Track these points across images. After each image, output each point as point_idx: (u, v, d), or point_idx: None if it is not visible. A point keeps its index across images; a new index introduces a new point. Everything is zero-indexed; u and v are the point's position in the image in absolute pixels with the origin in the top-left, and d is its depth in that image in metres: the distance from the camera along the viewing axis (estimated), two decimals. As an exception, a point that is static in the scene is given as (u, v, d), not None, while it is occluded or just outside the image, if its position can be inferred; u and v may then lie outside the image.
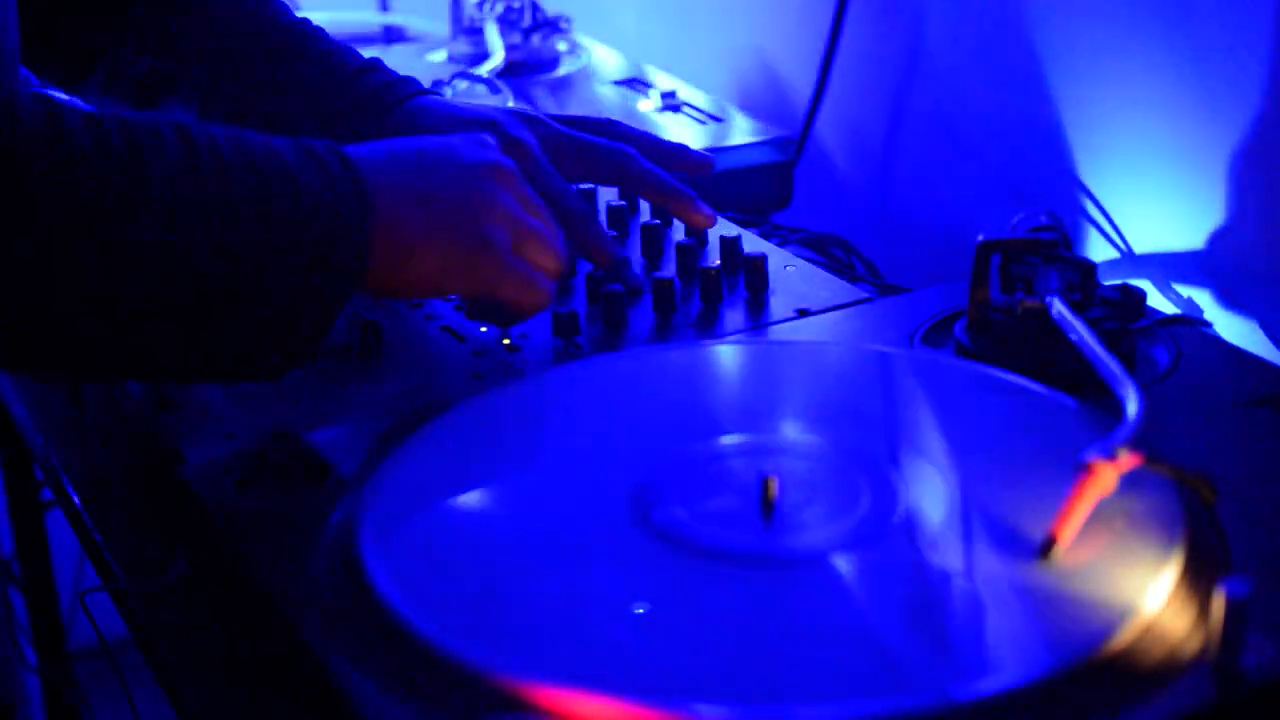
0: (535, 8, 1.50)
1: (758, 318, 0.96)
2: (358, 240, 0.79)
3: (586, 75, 1.46)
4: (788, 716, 0.59)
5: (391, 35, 1.68)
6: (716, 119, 1.31)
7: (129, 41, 1.07)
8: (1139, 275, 1.11)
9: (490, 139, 0.89)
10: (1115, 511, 0.68)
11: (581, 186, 1.13)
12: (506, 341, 0.94)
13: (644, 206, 1.13)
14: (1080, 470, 0.67)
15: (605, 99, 1.39)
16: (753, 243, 1.06)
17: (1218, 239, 1.06)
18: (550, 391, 0.86)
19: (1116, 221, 1.14)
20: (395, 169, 0.83)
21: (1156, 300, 1.07)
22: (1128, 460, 0.67)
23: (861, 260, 1.22)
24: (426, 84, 1.28)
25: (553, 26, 1.50)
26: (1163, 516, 0.68)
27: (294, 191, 0.76)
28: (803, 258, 1.06)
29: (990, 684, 0.59)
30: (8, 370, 1.02)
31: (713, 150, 1.25)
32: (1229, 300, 1.06)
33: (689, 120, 1.31)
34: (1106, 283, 0.90)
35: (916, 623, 0.64)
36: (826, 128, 1.43)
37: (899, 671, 0.61)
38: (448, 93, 1.30)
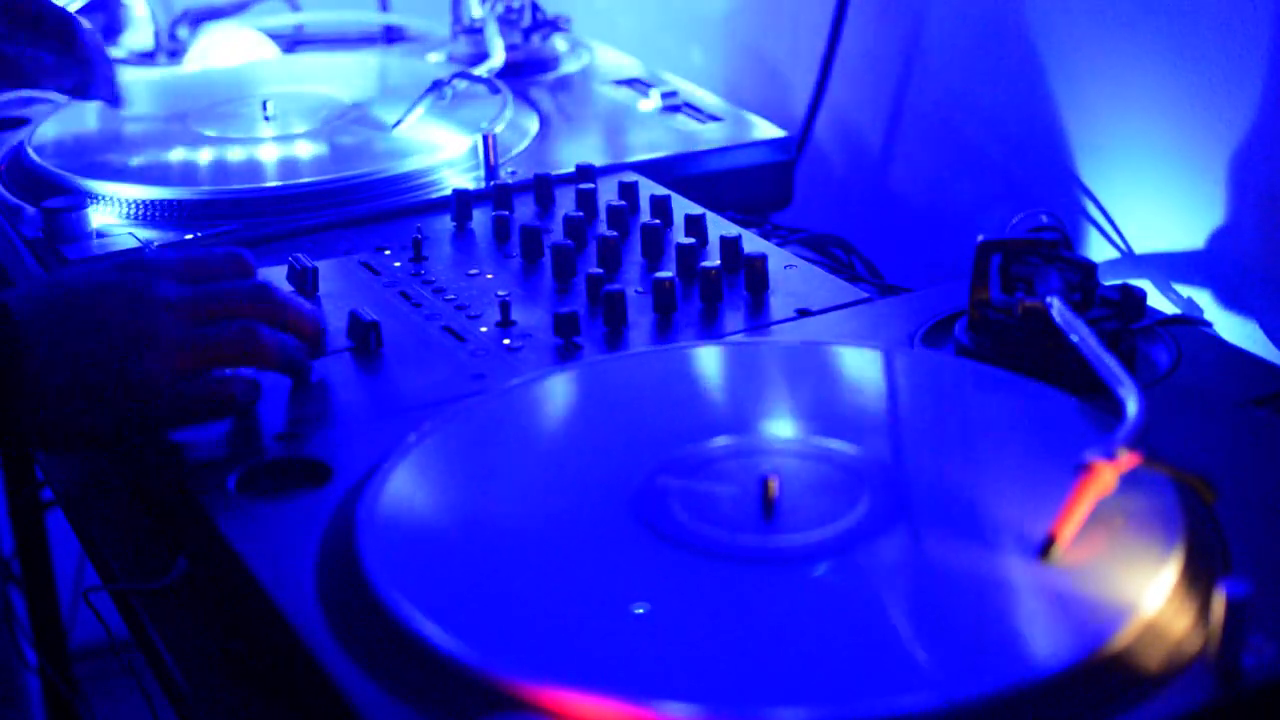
0: (535, 8, 1.50)
1: (758, 318, 0.96)
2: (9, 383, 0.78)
3: (586, 75, 1.46)
4: (787, 716, 0.59)
5: (391, 35, 1.68)
6: (716, 119, 1.31)
7: None
8: (1139, 275, 1.12)
9: (142, 262, 0.87)
10: (1115, 511, 0.68)
11: (582, 186, 1.13)
12: (506, 341, 0.94)
13: (644, 206, 1.13)
14: (1080, 470, 0.67)
15: (605, 99, 1.39)
16: (753, 243, 1.06)
17: (1218, 239, 1.06)
18: (550, 392, 0.86)
19: (1116, 221, 1.14)
20: (48, 314, 0.82)
21: (1156, 300, 1.07)
22: (1127, 460, 0.67)
23: (861, 260, 1.22)
24: (426, 84, 1.29)
25: (553, 26, 1.50)
26: (1163, 516, 0.68)
27: None
28: (803, 258, 1.06)
29: (990, 683, 0.59)
30: None
31: (713, 150, 1.25)
32: (1229, 300, 1.06)
33: (689, 120, 1.31)
34: (1106, 283, 0.90)
35: (916, 623, 0.64)
36: (826, 128, 1.43)
37: (899, 671, 0.61)
38: (448, 93, 1.30)
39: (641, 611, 0.65)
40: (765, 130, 1.28)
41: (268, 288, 0.89)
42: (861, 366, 0.86)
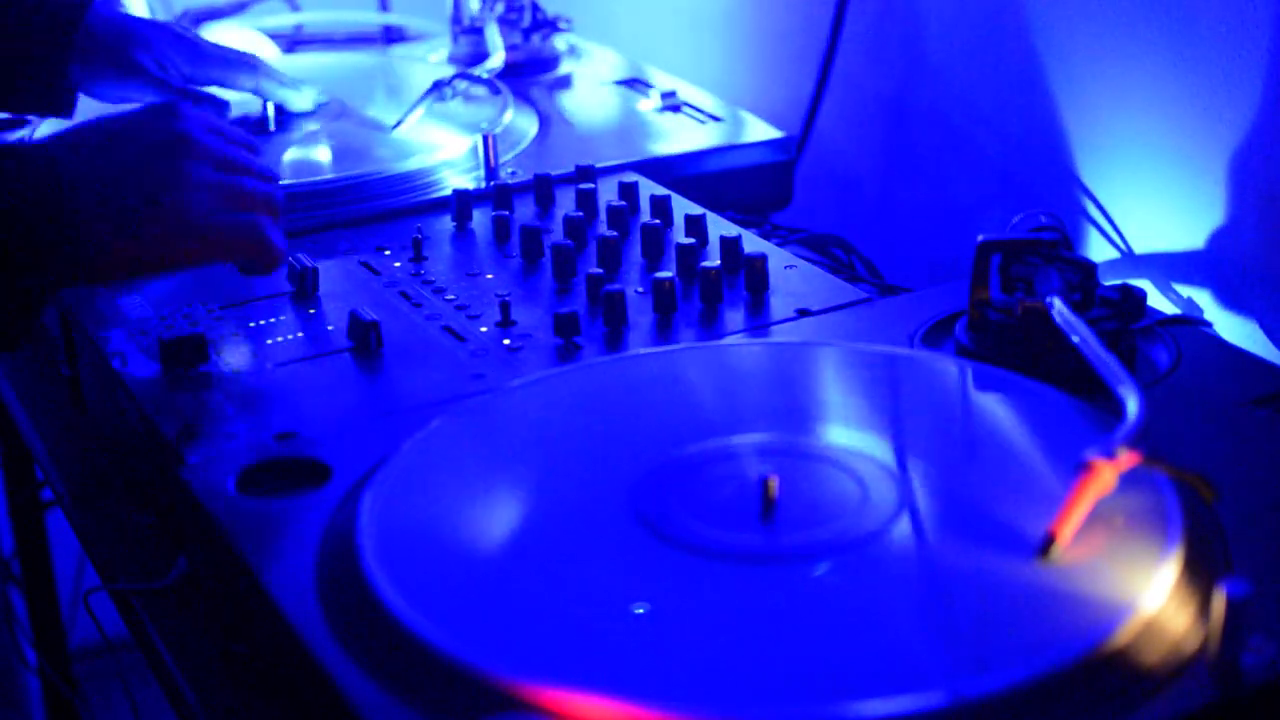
0: (535, 8, 1.50)
1: (758, 318, 0.96)
2: (55, 217, 0.85)
3: (586, 75, 1.46)
4: (787, 716, 0.59)
5: (391, 35, 1.68)
6: (716, 119, 1.31)
7: None
8: (1139, 275, 1.12)
9: (175, 109, 0.93)
10: (1115, 511, 0.68)
11: (582, 186, 1.13)
12: (506, 341, 0.94)
13: (644, 206, 1.13)
14: (1080, 469, 0.67)
15: (605, 99, 1.39)
16: (753, 243, 1.06)
17: (1218, 239, 1.06)
18: (550, 392, 0.86)
19: (1116, 221, 1.14)
20: (84, 153, 0.88)
21: (1156, 300, 1.07)
22: (1127, 459, 0.67)
23: (861, 260, 1.22)
24: (426, 84, 1.29)
25: (553, 26, 1.50)
26: (1163, 516, 0.68)
27: None
28: (803, 258, 1.06)
29: (989, 683, 0.59)
30: None
31: (713, 150, 1.25)
32: (1229, 300, 1.06)
33: (689, 120, 1.31)
34: (1106, 283, 0.90)
35: (916, 622, 0.64)
36: (826, 128, 1.43)
37: (899, 671, 0.61)
38: (447, 93, 1.30)
39: (641, 611, 0.65)
40: (765, 130, 1.28)
41: (273, 173, 0.97)
42: (861, 366, 0.86)
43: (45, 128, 1.29)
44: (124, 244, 0.87)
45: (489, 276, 1.04)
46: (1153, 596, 0.64)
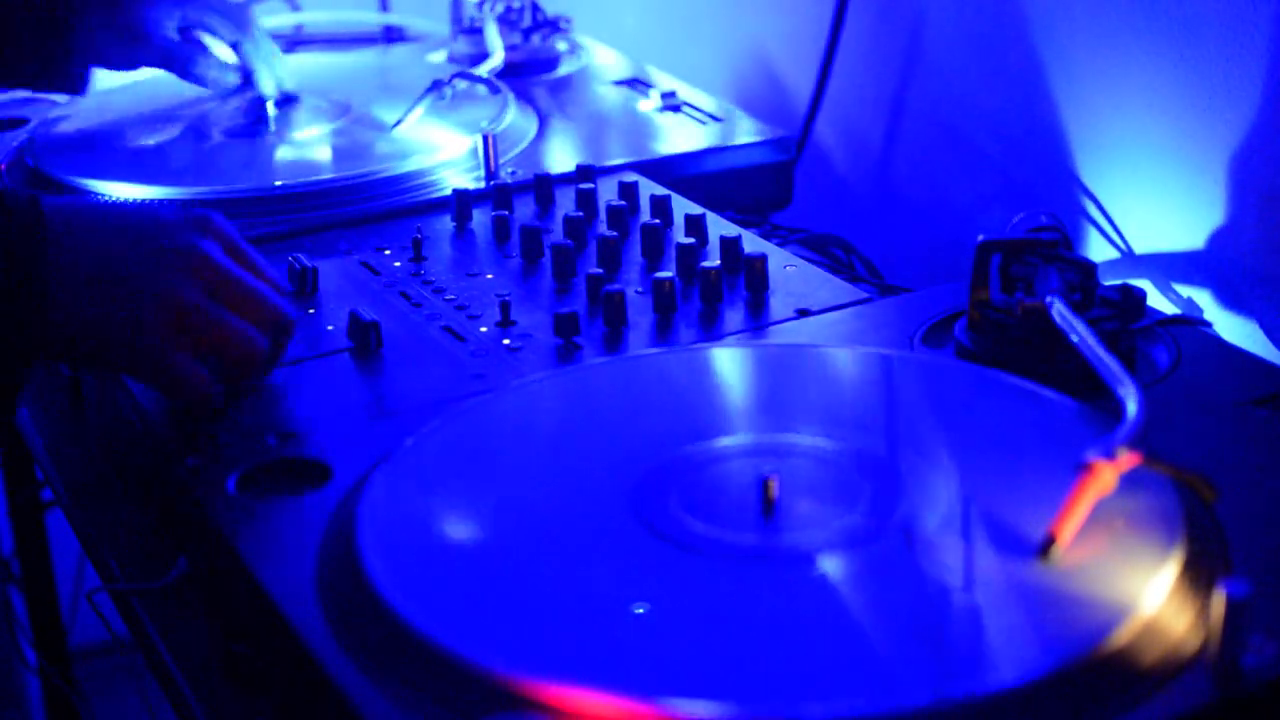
0: (535, 8, 1.50)
1: (758, 318, 0.96)
2: (23, 284, 0.80)
3: (586, 75, 1.46)
4: (787, 716, 0.59)
5: (391, 35, 1.68)
6: (716, 119, 1.31)
7: None
8: (1139, 275, 1.11)
9: (205, 221, 0.88)
10: (1115, 511, 0.68)
11: (582, 186, 1.13)
12: (506, 341, 0.94)
13: (644, 206, 1.13)
14: (1080, 470, 0.67)
15: (605, 99, 1.39)
16: (753, 243, 1.06)
17: (1218, 239, 1.06)
18: (550, 391, 0.86)
19: (1116, 221, 1.14)
20: (78, 233, 0.83)
21: (1156, 300, 1.07)
22: (1127, 460, 0.67)
23: (861, 260, 1.22)
24: (426, 84, 1.29)
25: (553, 26, 1.50)
26: (1162, 516, 0.68)
27: None
28: (803, 258, 1.06)
29: (989, 683, 0.59)
30: None
31: (713, 150, 1.25)
32: (1229, 300, 1.06)
33: (689, 120, 1.31)
34: (1106, 283, 0.90)
35: (916, 622, 0.64)
36: (826, 128, 1.43)
37: (899, 671, 0.61)
38: (447, 93, 1.30)
39: (641, 611, 0.65)
40: (765, 130, 1.28)
41: (289, 319, 0.89)
42: (861, 367, 0.86)
43: (44, 128, 1.29)
44: (86, 340, 0.83)
45: (489, 276, 1.04)
46: (1152, 597, 0.64)
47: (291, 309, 0.89)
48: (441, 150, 1.22)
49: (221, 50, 1.33)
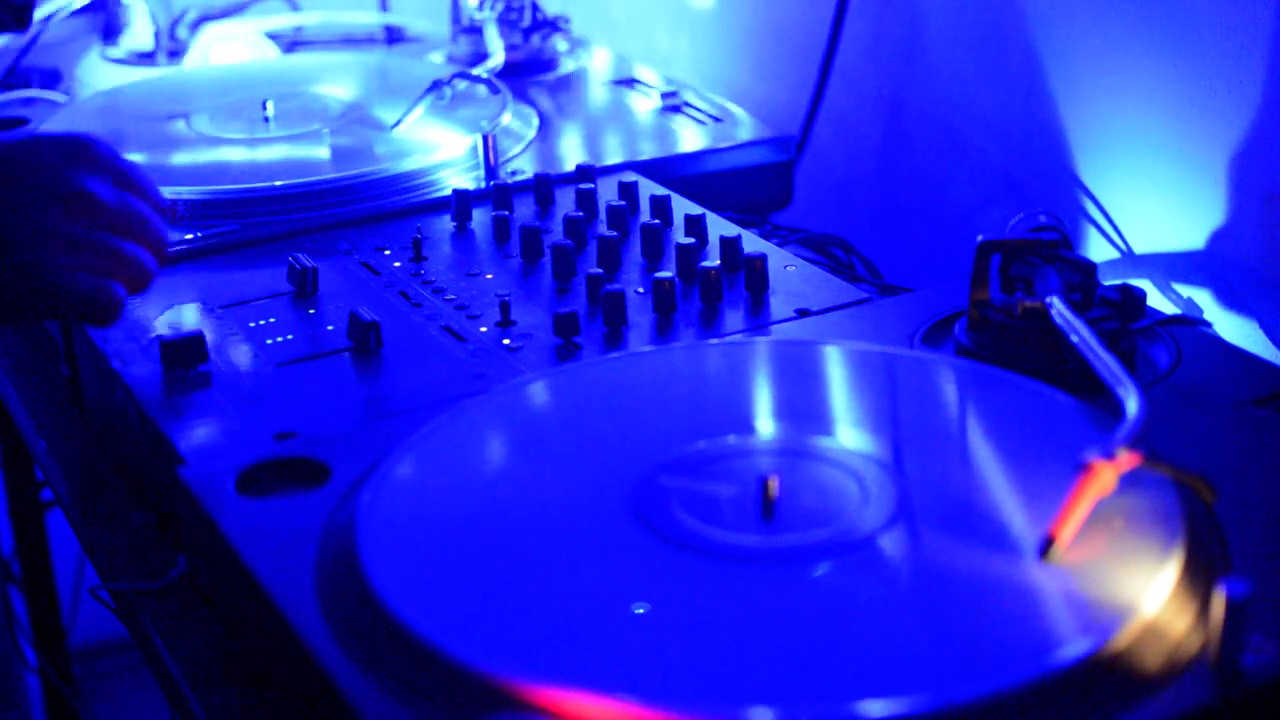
0: (535, 8, 1.50)
1: (758, 318, 0.96)
2: None
3: (586, 75, 1.46)
4: (787, 716, 0.59)
5: (391, 35, 1.68)
6: (716, 119, 1.31)
7: None
8: (1139, 275, 1.12)
9: (79, 146, 0.89)
10: (1115, 511, 0.68)
11: (582, 186, 1.13)
12: (506, 341, 0.94)
13: (644, 206, 1.13)
14: (1080, 470, 0.67)
15: (605, 99, 1.39)
16: (753, 243, 1.06)
17: (1218, 239, 1.06)
18: (550, 391, 0.86)
19: (1116, 221, 1.14)
20: None
21: (1156, 300, 1.07)
22: (1127, 460, 0.67)
23: (861, 260, 1.22)
24: (426, 84, 1.29)
25: (552, 26, 1.50)
26: (1162, 516, 0.68)
27: None
28: (803, 258, 1.06)
29: (990, 683, 0.59)
30: None
31: (713, 150, 1.25)
32: (1229, 300, 1.06)
33: (689, 120, 1.31)
34: (1106, 283, 0.90)
35: (915, 623, 0.64)
36: (826, 128, 1.43)
37: (898, 671, 0.61)
38: (447, 93, 1.30)
39: (641, 611, 0.65)
40: (765, 130, 1.28)
41: (165, 240, 0.92)
42: (861, 366, 0.86)
43: (48, 126, 1.29)
44: None
45: (489, 276, 1.04)
46: (1153, 597, 0.64)
47: (167, 229, 0.92)
48: (441, 150, 1.22)
49: None
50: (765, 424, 0.81)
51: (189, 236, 1.10)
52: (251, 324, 0.98)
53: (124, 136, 1.29)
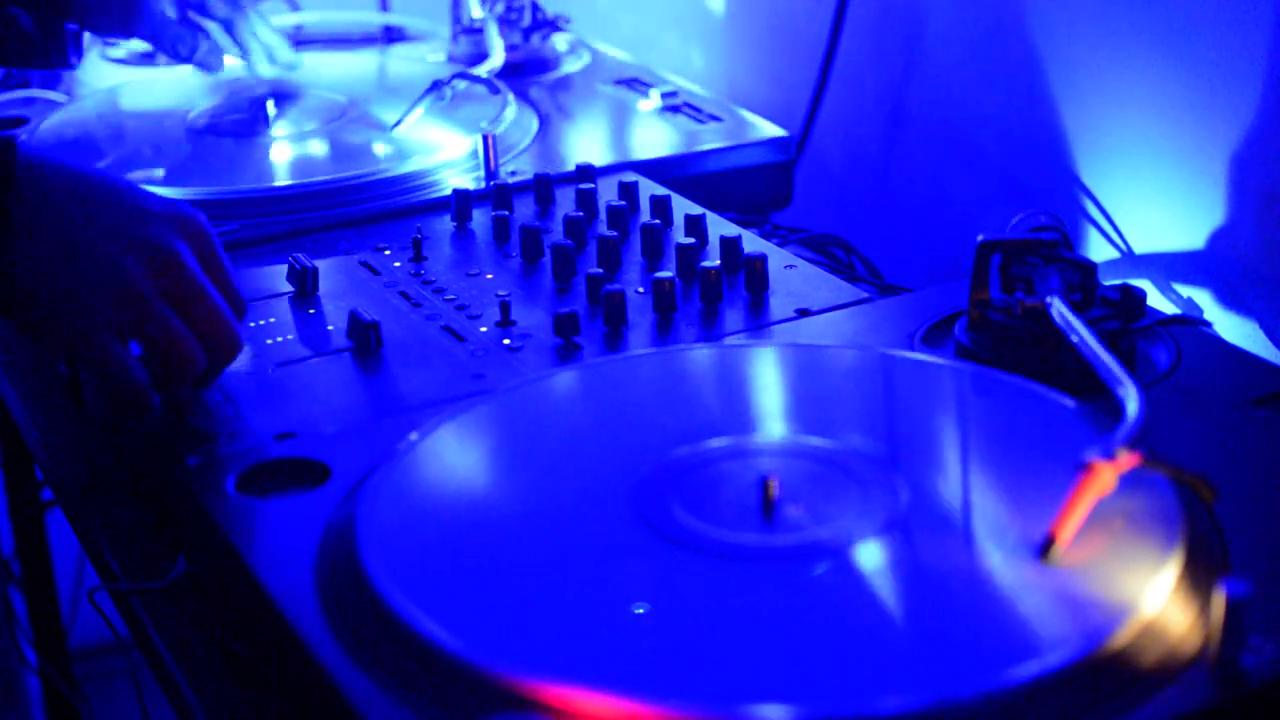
0: (535, 8, 1.50)
1: (758, 318, 0.96)
2: None
3: (586, 75, 1.46)
4: (787, 716, 0.59)
5: (391, 35, 1.68)
6: (716, 119, 1.31)
7: None
8: (1139, 275, 1.12)
9: (183, 218, 0.86)
10: (1115, 511, 0.68)
11: (582, 186, 1.13)
12: (506, 341, 0.94)
13: (644, 206, 1.13)
14: (1080, 470, 0.67)
15: (605, 99, 1.39)
16: (753, 243, 1.06)
17: (1218, 239, 1.06)
18: (550, 391, 0.86)
19: (1116, 221, 1.14)
20: (53, 199, 0.81)
21: (1156, 300, 1.07)
22: (1127, 460, 0.67)
23: (861, 260, 1.22)
24: (426, 84, 1.29)
25: (553, 26, 1.50)
26: (1162, 516, 0.68)
27: None
28: (803, 258, 1.06)
29: (989, 683, 0.59)
30: None
31: (713, 150, 1.25)
32: (1229, 300, 1.06)
33: (689, 120, 1.31)
34: (1106, 283, 0.90)
35: (916, 622, 0.64)
36: (826, 128, 1.43)
37: (898, 671, 0.61)
38: (447, 93, 1.30)
39: (641, 611, 0.65)
40: (765, 130, 1.28)
41: (236, 342, 0.88)
42: (861, 367, 0.86)
43: (49, 126, 1.29)
44: (32, 304, 0.81)
45: (489, 276, 1.04)
46: (1153, 598, 0.64)
47: (239, 333, 0.88)
48: (441, 150, 1.22)
49: (219, 36, 1.33)
50: (765, 424, 0.80)
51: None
52: (251, 324, 0.98)
53: (124, 136, 1.29)
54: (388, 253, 1.08)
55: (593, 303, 0.98)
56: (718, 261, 1.00)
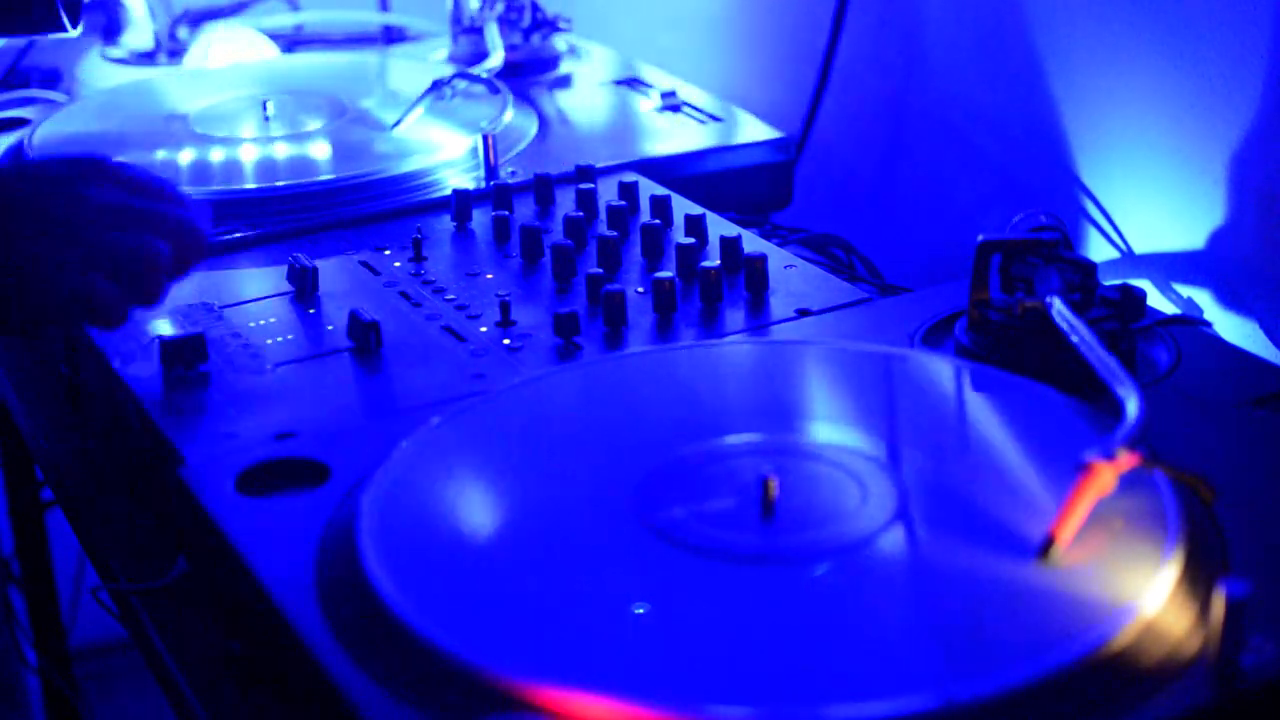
0: (535, 8, 1.50)
1: (758, 318, 0.96)
2: None
3: (586, 75, 1.46)
4: (787, 716, 0.59)
5: (391, 35, 1.68)
6: (716, 119, 1.31)
7: None
8: (1139, 275, 1.12)
9: (84, 172, 0.88)
10: (1115, 511, 0.68)
11: (582, 186, 1.13)
12: (506, 341, 0.94)
13: (644, 206, 1.13)
14: (1079, 470, 0.67)
15: (605, 99, 1.39)
16: (753, 243, 1.06)
17: (1217, 239, 1.06)
18: (550, 391, 0.86)
19: (1116, 221, 1.14)
20: None
21: (1156, 300, 1.07)
22: (1127, 460, 0.67)
23: (861, 260, 1.22)
24: (426, 84, 1.29)
25: (553, 26, 1.50)
26: (1163, 516, 0.68)
27: None
28: (803, 258, 1.06)
29: (990, 684, 0.59)
30: None
31: (713, 150, 1.25)
32: (1229, 300, 1.06)
33: (689, 120, 1.31)
34: (1106, 283, 0.90)
35: (915, 622, 0.64)
36: (826, 128, 1.43)
37: (898, 672, 0.61)
38: (447, 93, 1.30)
39: (641, 611, 0.65)
40: (765, 130, 1.28)
41: (191, 225, 0.89)
42: (861, 367, 0.86)
43: (49, 126, 1.29)
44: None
45: (489, 276, 1.04)
46: (1152, 598, 0.64)
47: (196, 216, 0.89)
48: (441, 150, 1.22)
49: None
50: (765, 424, 0.80)
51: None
52: (251, 324, 0.98)
53: (124, 136, 1.29)
54: (388, 253, 1.08)
55: (593, 303, 0.98)
56: (718, 261, 1.00)
